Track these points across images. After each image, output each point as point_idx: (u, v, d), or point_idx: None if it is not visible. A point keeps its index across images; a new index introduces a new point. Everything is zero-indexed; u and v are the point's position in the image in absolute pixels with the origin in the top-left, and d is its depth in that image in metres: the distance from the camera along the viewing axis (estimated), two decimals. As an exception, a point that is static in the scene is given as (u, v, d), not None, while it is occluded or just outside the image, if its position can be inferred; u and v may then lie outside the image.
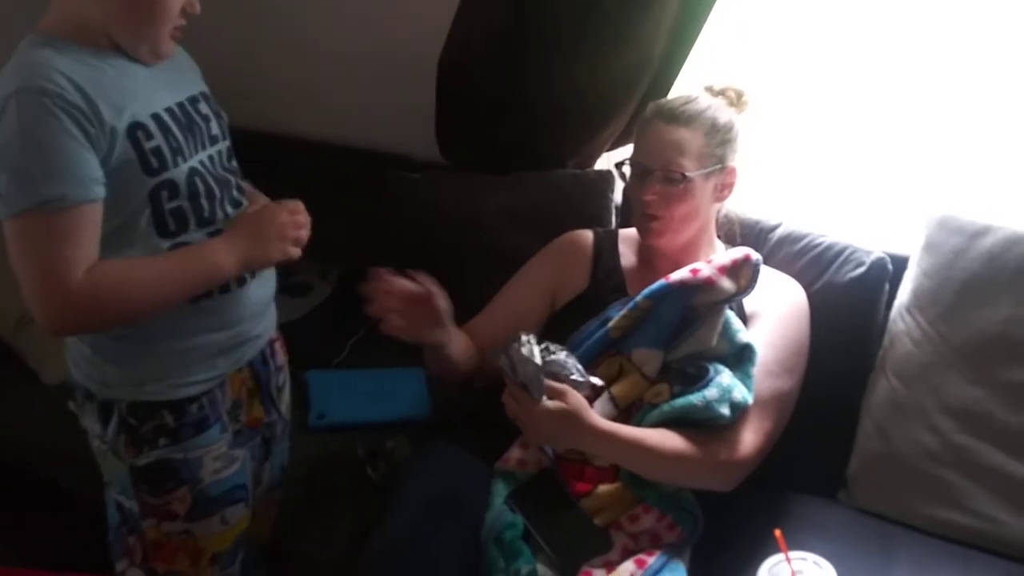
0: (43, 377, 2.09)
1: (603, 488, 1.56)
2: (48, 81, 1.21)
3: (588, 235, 1.82)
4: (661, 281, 1.57)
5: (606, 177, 2.06)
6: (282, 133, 2.25)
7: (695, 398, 1.51)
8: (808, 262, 1.80)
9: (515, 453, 1.63)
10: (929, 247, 1.71)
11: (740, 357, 1.56)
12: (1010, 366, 1.61)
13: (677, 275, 1.56)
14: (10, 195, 1.22)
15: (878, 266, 1.75)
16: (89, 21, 1.28)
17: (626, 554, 1.50)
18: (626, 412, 1.58)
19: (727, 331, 1.57)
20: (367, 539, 1.52)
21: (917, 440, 1.64)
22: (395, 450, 1.81)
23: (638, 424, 1.55)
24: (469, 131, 2.11)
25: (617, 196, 2.06)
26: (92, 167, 1.24)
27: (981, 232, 1.67)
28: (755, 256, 1.56)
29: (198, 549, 1.47)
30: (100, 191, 1.26)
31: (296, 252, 1.42)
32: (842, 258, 1.78)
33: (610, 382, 1.60)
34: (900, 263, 1.77)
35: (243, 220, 1.40)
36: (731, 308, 1.60)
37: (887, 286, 1.77)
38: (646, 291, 1.58)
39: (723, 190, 1.69)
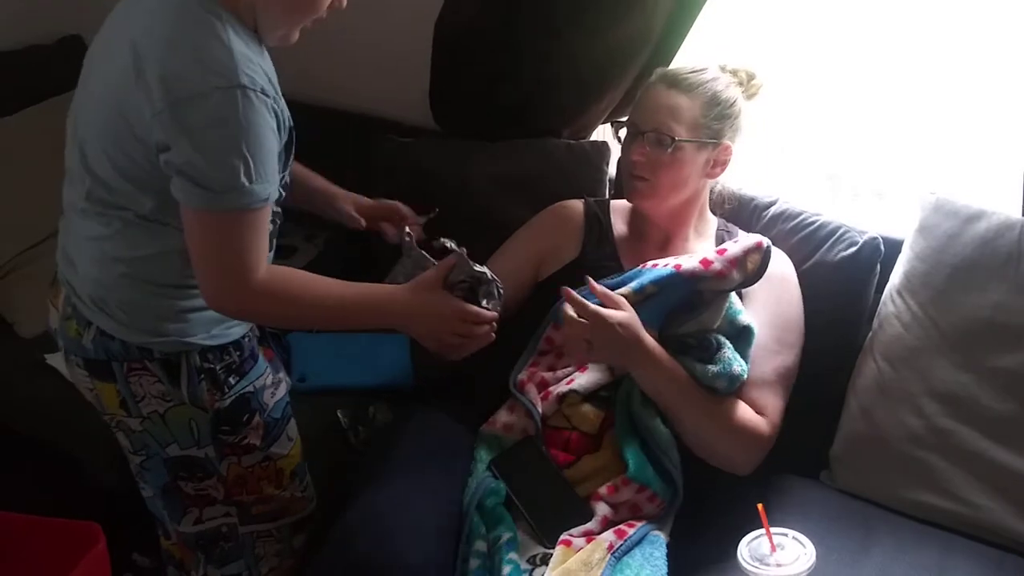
0: (19, 330, 2.07)
1: (586, 459, 1.57)
2: (262, 79, 1.24)
3: (578, 205, 1.82)
4: (671, 270, 1.56)
5: (601, 148, 2.04)
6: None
7: (698, 367, 1.54)
8: (800, 240, 1.80)
9: (502, 416, 1.63)
10: (923, 230, 1.70)
11: (738, 337, 1.58)
12: (997, 352, 1.60)
13: (688, 265, 1.55)
14: (225, 195, 1.24)
15: (870, 247, 1.75)
16: None
17: (606, 524, 1.50)
18: (615, 381, 1.60)
19: (728, 312, 1.58)
20: (346, 505, 1.50)
21: (902, 423, 1.64)
22: (376, 416, 1.80)
23: (632, 385, 1.57)
24: (463, 97, 2.08)
25: (611, 168, 2.04)
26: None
27: (975, 217, 1.66)
28: (766, 243, 1.56)
29: (278, 470, 1.54)
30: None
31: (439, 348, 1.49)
32: (835, 237, 1.77)
33: None
34: (894, 246, 1.76)
35: (433, 303, 1.44)
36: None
37: (878, 267, 1.76)
38: (653, 277, 1.57)
39: (715, 167, 1.68)
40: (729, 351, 1.55)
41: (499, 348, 1.70)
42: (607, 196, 2.00)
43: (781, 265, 1.69)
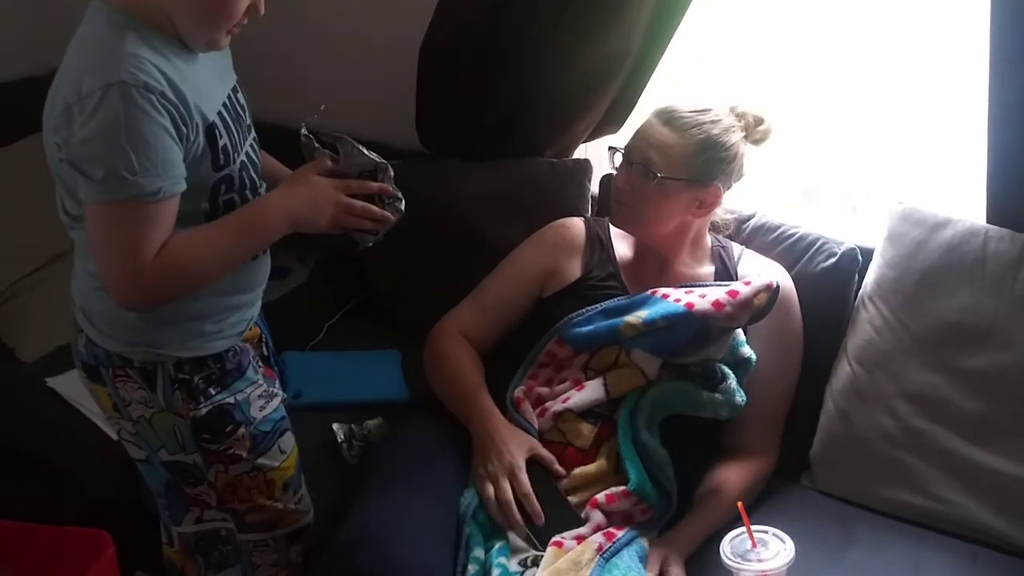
0: (20, 355, 2.11)
1: (579, 471, 1.60)
2: (150, 77, 1.25)
3: (580, 224, 1.84)
4: (683, 308, 1.59)
5: (583, 166, 2.09)
6: (260, 120, 2.27)
7: (704, 394, 1.59)
8: (781, 252, 1.84)
9: None
10: (892, 238, 1.76)
11: (737, 367, 1.63)
12: (966, 353, 1.66)
13: (700, 306, 1.57)
14: (107, 184, 1.26)
15: (848, 257, 1.79)
16: (159, 6, 1.30)
17: (597, 529, 1.53)
18: (615, 400, 1.62)
19: (732, 343, 1.63)
20: (343, 518, 1.54)
21: (876, 424, 1.69)
22: (371, 430, 1.83)
23: (634, 404, 1.60)
24: (448, 119, 2.13)
25: (594, 186, 2.09)
26: (181, 163, 1.31)
27: (942, 224, 1.72)
28: (776, 284, 1.60)
29: (269, 481, 1.55)
30: (184, 184, 1.32)
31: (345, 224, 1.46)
32: (814, 248, 1.82)
33: (604, 370, 1.64)
34: (867, 254, 1.81)
35: (305, 188, 1.43)
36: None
37: (857, 276, 1.81)
38: (665, 312, 1.59)
39: (700, 207, 1.68)
40: (733, 382, 1.60)
41: (496, 361, 1.74)
42: (590, 212, 2.05)
43: (782, 280, 1.68)
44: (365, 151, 1.46)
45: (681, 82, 2.07)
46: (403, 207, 1.49)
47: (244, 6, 1.32)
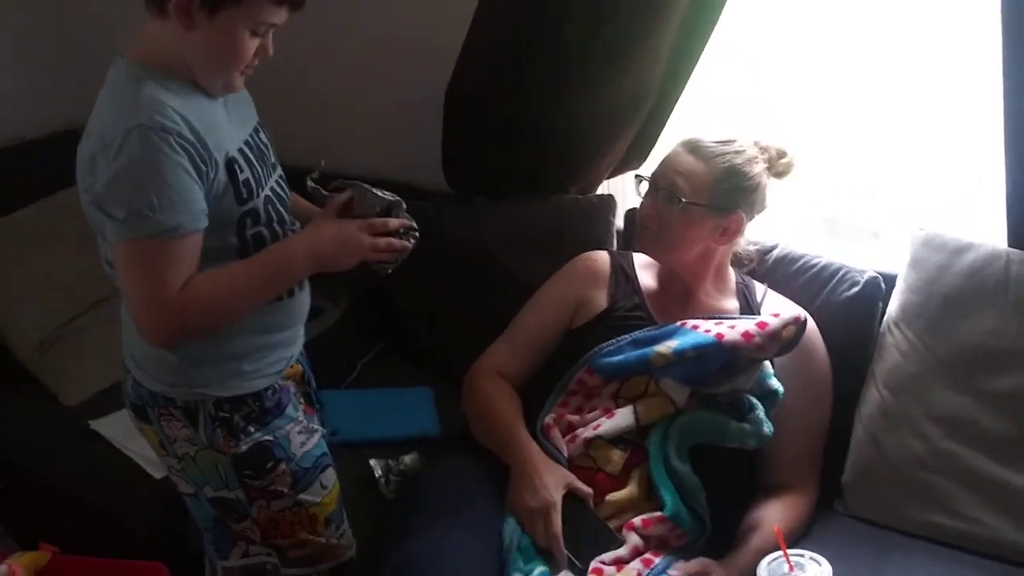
0: (62, 399, 2.16)
1: (612, 497, 1.62)
2: (167, 119, 1.31)
3: (605, 256, 1.88)
4: (712, 339, 1.61)
5: (608, 201, 2.13)
6: (288, 164, 2.34)
7: (732, 424, 1.61)
8: (805, 282, 1.87)
9: None
10: (915, 264, 1.78)
11: (764, 399, 1.66)
12: (992, 375, 1.67)
13: (730, 337, 1.60)
14: (129, 223, 1.32)
15: (872, 285, 1.82)
16: (175, 55, 1.37)
17: (636, 553, 1.55)
18: (644, 427, 1.65)
19: (760, 375, 1.65)
20: (385, 554, 1.56)
21: (906, 447, 1.70)
22: (408, 465, 1.86)
23: (664, 431, 1.63)
24: (475, 159, 2.17)
25: (619, 220, 2.13)
26: (201, 200, 1.36)
27: (964, 249, 1.74)
28: (803, 316, 1.63)
29: (311, 516, 1.59)
30: (205, 220, 1.37)
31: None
32: (837, 278, 1.85)
33: (634, 398, 1.67)
34: (890, 280, 1.83)
35: (329, 229, 1.48)
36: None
37: (880, 304, 1.83)
38: (695, 342, 1.62)
39: (723, 234, 1.72)
40: (761, 412, 1.63)
41: (527, 393, 1.77)
42: (615, 246, 2.09)
43: (808, 328, 1.68)
44: (378, 192, 1.52)
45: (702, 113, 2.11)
46: (418, 234, 1.55)
47: (253, 48, 1.38)
